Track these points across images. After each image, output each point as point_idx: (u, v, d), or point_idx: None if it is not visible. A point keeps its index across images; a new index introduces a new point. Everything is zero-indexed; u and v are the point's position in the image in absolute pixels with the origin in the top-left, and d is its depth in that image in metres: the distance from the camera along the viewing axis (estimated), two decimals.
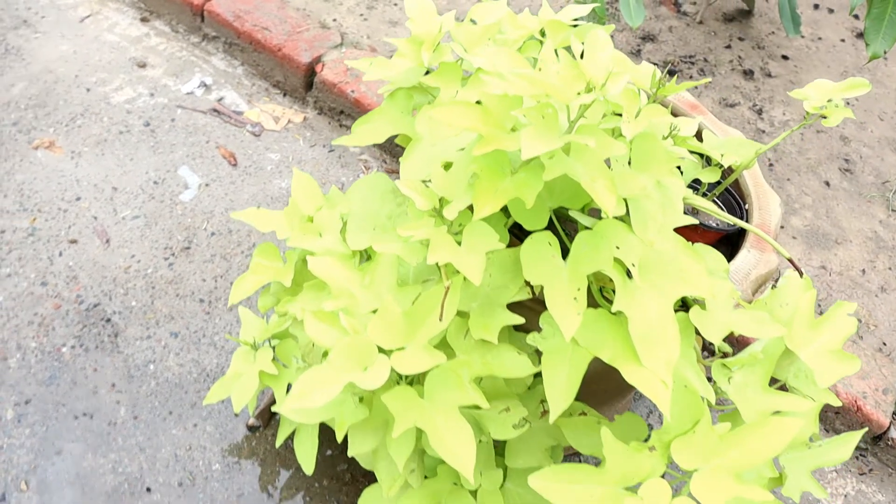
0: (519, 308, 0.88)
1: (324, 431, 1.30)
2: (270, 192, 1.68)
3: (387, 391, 0.82)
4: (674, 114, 1.16)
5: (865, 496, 1.45)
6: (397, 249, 0.83)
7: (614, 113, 0.84)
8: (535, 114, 0.71)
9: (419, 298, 0.80)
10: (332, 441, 1.32)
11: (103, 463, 1.24)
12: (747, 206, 1.06)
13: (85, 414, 1.29)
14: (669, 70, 1.96)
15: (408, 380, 0.90)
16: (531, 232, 0.82)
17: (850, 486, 1.46)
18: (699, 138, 1.07)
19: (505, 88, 0.74)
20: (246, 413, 1.33)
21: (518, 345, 0.90)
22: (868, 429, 1.43)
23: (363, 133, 0.96)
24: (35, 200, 1.57)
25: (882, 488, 1.46)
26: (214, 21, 1.93)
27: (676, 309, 0.87)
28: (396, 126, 0.96)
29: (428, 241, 0.79)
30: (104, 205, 1.58)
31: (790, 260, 0.86)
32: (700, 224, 1.03)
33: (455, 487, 1.04)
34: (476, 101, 0.80)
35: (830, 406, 1.48)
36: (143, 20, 2.02)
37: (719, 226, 1.04)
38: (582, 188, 0.80)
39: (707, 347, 1.36)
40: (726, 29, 2.25)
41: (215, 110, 1.81)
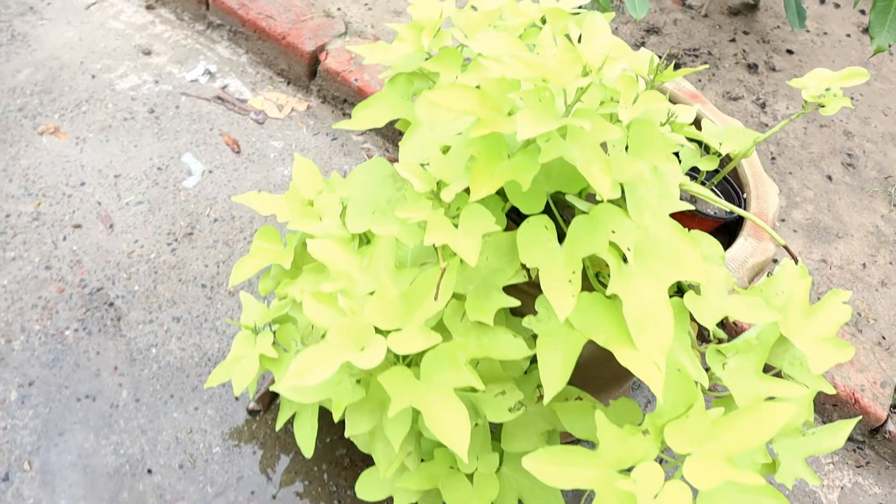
0: (515, 292, 0.89)
1: (323, 417, 1.31)
2: (273, 180, 1.69)
3: (383, 372, 0.83)
4: (673, 102, 1.16)
5: (862, 488, 1.45)
6: (395, 232, 0.84)
7: (612, 99, 0.85)
8: (532, 97, 0.72)
9: (416, 280, 0.81)
10: (332, 427, 1.33)
11: (105, 445, 1.25)
12: (745, 196, 1.06)
13: (87, 396, 1.30)
14: (672, 63, 1.96)
15: (405, 361, 0.91)
16: (528, 216, 0.83)
17: (847, 479, 1.46)
18: (698, 127, 1.08)
19: (503, 72, 0.75)
20: (246, 397, 1.34)
21: (515, 329, 0.91)
22: (861, 417, 1.43)
23: (363, 117, 0.97)
24: (40, 185, 1.58)
25: (878, 481, 1.47)
26: (219, 9, 1.94)
27: (672, 295, 0.88)
28: (396, 111, 0.96)
29: (425, 224, 0.79)
30: (108, 190, 1.60)
31: (786, 247, 0.86)
32: (698, 212, 1.04)
33: (451, 471, 1.05)
34: (476, 87, 0.80)
35: (828, 398, 1.48)
36: (149, 8, 2.03)
37: (717, 214, 1.05)
38: (579, 173, 0.81)
39: (703, 335, 1.36)
40: (731, 23, 2.24)
41: (219, 98, 1.82)
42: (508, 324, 0.93)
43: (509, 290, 0.88)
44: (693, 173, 1.07)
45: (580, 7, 1.23)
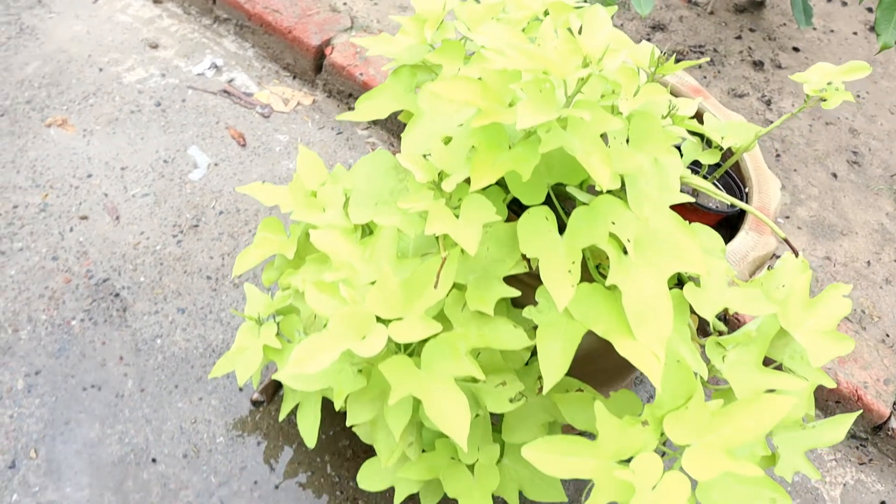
0: (516, 283, 0.90)
1: (326, 408, 1.32)
2: (278, 173, 1.69)
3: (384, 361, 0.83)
4: (675, 96, 1.16)
5: (864, 486, 1.45)
6: (397, 222, 0.85)
7: (614, 92, 0.85)
8: (533, 88, 0.72)
9: (417, 270, 0.82)
10: (335, 418, 1.34)
11: (110, 433, 1.26)
12: (747, 190, 1.07)
13: (93, 386, 1.31)
14: (677, 59, 1.96)
15: (406, 351, 0.92)
16: (529, 207, 0.83)
17: (850, 476, 1.46)
18: (700, 121, 1.08)
19: (504, 63, 0.75)
20: (250, 388, 1.35)
21: (516, 320, 0.91)
22: (862, 411, 1.43)
23: (366, 109, 0.97)
24: (47, 177, 1.59)
25: (881, 478, 1.47)
26: (226, 3, 1.95)
27: (672, 287, 0.88)
28: (400, 102, 0.97)
29: (427, 214, 0.80)
30: (115, 182, 1.61)
31: (786, 241, 0.87)
32: (699, 206, 1.04)
33: (452, 462, 1.06)
34: (478, 79, 0.81)
35: (831, 395, 1.48)
36: (156, 1, 2.04)
37: (719, 208, 1.05)
38: (579, 164, 0.81)
39: (703, 329, 1.36)
40: (737, 20, 2.24)
41: (225, 91, 1.83)
42: (509, 315, 0.94)
43: (510, 281, 0.88)
44: (695, 167, 1.08)
45: (584, 0, 1.23)
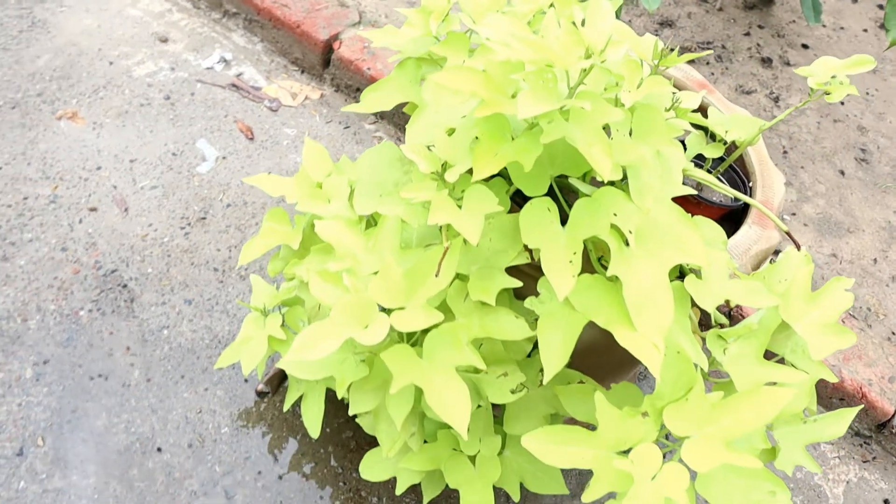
0: (519, 275, 0.90)
1: (331, 400, 1.33)
2: (286, 167, 1.70)
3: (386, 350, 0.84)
4: (680, 90, 1.16)
5: (868, 483, 1.45)
6: (400, 212, 0.85)
7: (617, 84, 0.85)
8: (535, 78, 0.72)
9: (419, 259, 0.83)
10: (339, 410, 1.34)
11: (116, 422, 1.28)
12: (751, 184, 1.07)
13: (100, 375, 1.33)
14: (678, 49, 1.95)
15: (409, 342, 0.93)
16: (532, 199, 0.84)
17: (853, 473, 1.46)
18: (705, 115, 1.08)
19: (508, 54, 0.76)
20: (255, 379, 1.36)
21: (518, 312, 0.92)
22: (863, 406, 1.42)
23: (372, 100, 0.98)
24: (57, 169, 1.61)
25: (885, 476, 1.46)
26: None
27: (673, 279, 0.88)
28: (405, 94, 0.97)
29: (430, 204, 0.81)
30: (123, 174, 1.62)
31: (788, 234, 0.87)
32: (703, 199, 1.04)
33: (454, 453, 1.06)
34: (482, 70, 0.81)
35: (835, 392, 1.48)
36: None
37: (722, 202, 1.05)
38: (582, 157, 0.82)
39: (707, 324, 1.36)
40: (746, 17, 2.23)
41: (234, 85, 1.85)
42: (512, 307, 0.94)
43: (512, 272, 0.89)
44: (699, 161, 1.08)
45: None
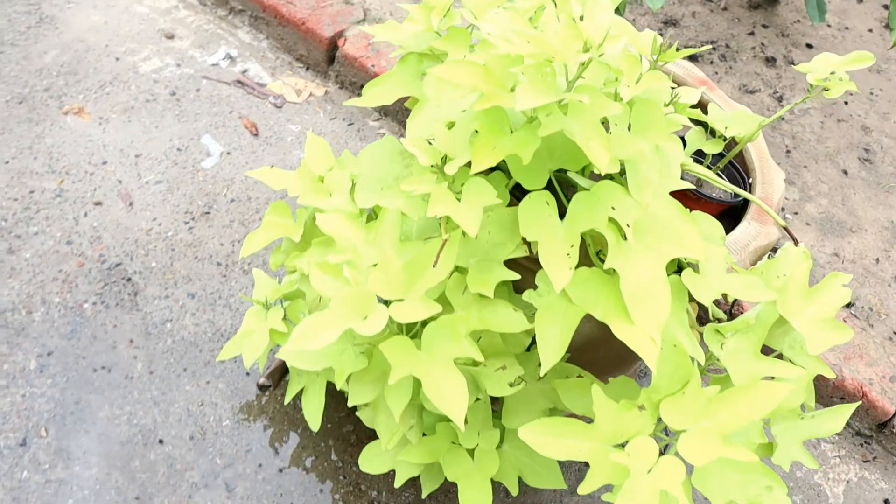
0: (518, 269, 0.91)
1: (332, 395, 1.33)
2: (289, 162, 1.71)
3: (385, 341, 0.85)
4: (680, 86, 1.17)
5: (868, 483, 1.45)
6: (400, 204, 0.86)
7: (617, 79, 0.86)
8: (534, 72, 0.73)
9: (419, 252, 0.83)
10: (340, 404, 1.35)
11: (119, 414, 1.29)
12: (751, 180, 1.07)
13: (103, 367, 1.34)
14: (689, 56, 1.96)
15: (409, 335, 0.93)
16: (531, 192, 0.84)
17: (853, 473, 1.46)
18: (705, 112, 1.08)
19: (508, 49, 0.76)
20: (257, 373, 1.37)
21: (516, 305, 0.93)
22: (861, 402, 1.42)
23: (374, 95, 0.99)
24: (63, 163, 1.62)
25: (885, 476, 1.46)
26: None
27: (671, 274, 0.89)
28: (406, 88, 0.98)
29: (429, 196, 0.81)
30: (129, 169, 1.63)
31: (786, 229, 0.87)
32: (702, 195, 1.04)
33: (453, 446, 1.07)
34: (481, 64, 0.82)
35: (836, 392, 1.48)
36: None
37: (722, 198, 1.06)
38: (581, 151, 0.82)
39: (705, 319, 1.37)
40: (751, 16, 2.23)
41: (239, 82, 1.86)
42: (511, 301, 0.95)
43: (511, 266, 0.89)
44: (699, 157, 1.08)
45: None
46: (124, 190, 1.60)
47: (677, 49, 0.89)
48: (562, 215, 0.84)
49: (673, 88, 0.92)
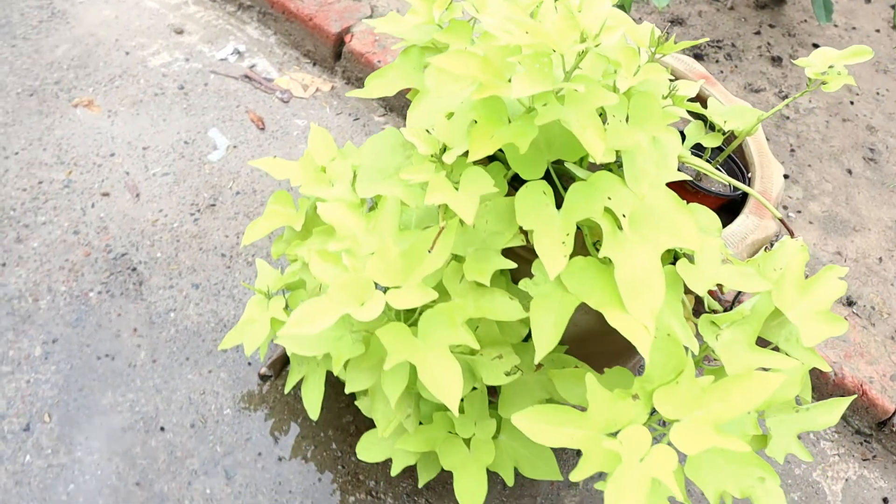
0: (515, 259, 0.91)
1: (332, 385, 1.35)
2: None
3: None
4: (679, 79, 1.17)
5: (867, 482, 1.45)
6: (399, 193, 0.87)
7: (615, 72, 0.87)
8: (531, 61, 0.74)
9: (416, 240, 0.84)
10: (340, 395, 1.36)
11: (121, 401, 1.30)
12: (750, 175, 1.08)
13: (107, 355, 1.36)
14: (695, 54, 1.96)
15: (408, 323, 0.94)
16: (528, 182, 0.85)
17: (852, 471, 1.46)
18: (705, 106, 1.09)
19: (507, 40, 0.77)
20: (259, 363, 1.38)
21: (513, 295, 0.93)
22: (856, 396, 1.42)
23: (376, 86, 1.00)
24: (72, 155, 1.64)
25: (885, 475, 1.46)
26: None
27: (666, 265, 0.89)
28: (408, 80, 0.99)
29: (427, 185, 0.82)
30: (136, 161, 1.65)
31: (782, 221, 0.88)
32: (701, 188, 1.05)
33: (449, 435, 1.08)
34: (481, 55, 0.83)
35: (836, 389, 1.48)
36: None
37: (721, 192, 1.06)
38: (578, 142, 0.83)
39: (701, 311, 1.37)
40: (757, 15, 2.24)
41: (247, 76, 1.87)
42: (509, 291, 0.96)
43: (509, 255, 0.90)
44: (699, 151, 1.09)
45: None
46: (131, 181, 1.61)
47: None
48: (559, 206, 0.85)
49: (672, 81, 0.92)
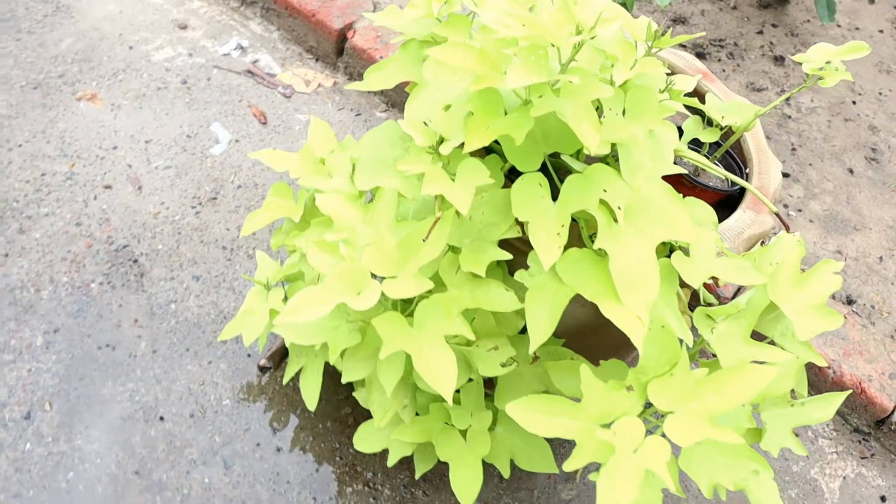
0: (511, 251, 0.92)
1: (331, 377, 1.35)
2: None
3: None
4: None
5: (865, 480, 1.45)
6: (397, 184, 0.88)
7: (612, 65, 0.87)
8: (526, 53, 0.74)
9: (412, 230, 0.85)
10: (338, 387, 1.37)
11: (122, 391, 1.31)
12: (748, 170, 1.08)
13: (108, 345, 1.36)
14: (697, 53, 1.96)
15: (405, 314, 0.95)
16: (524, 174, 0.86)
17: (850, 469, 1.46)
18: (703, 102, 1.09)
19: (505, 32, 0.78)
20: (258, 355, 1.39)
21: (509, 286, 0.94)
22: (851, 391, 1.41)
23: (375, 79, 1.00)
24: (75, 147, 1.65)
25: (883, 473, 1.46)
26: None
27: (661, 258, 0.90)
28: (406, 73, 1.00)
29: (424, 176, 0.83)
30: (139, 154, 1.66)
31: (777, 215, 0.88)
32: (699, 183, 1.05)
33: (446, 426, 1.08)
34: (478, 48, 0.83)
35: (834, 387, 1.48)
36: None
37: (718, 187, 1.07)
38: (574, 134, 0.83)
39: (696, 305, 1.38)
40: (760, 15, 2.24)
41: (249, 72, 1.88)
42: (505, 283, 0.96)
43: (505, 247, 0.91)
44: (696, 146, 1.09)
45: None
46: (134, 174, 1.62)
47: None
48: (555, 198, 0.86)
49: (669, 75, 0.93)
